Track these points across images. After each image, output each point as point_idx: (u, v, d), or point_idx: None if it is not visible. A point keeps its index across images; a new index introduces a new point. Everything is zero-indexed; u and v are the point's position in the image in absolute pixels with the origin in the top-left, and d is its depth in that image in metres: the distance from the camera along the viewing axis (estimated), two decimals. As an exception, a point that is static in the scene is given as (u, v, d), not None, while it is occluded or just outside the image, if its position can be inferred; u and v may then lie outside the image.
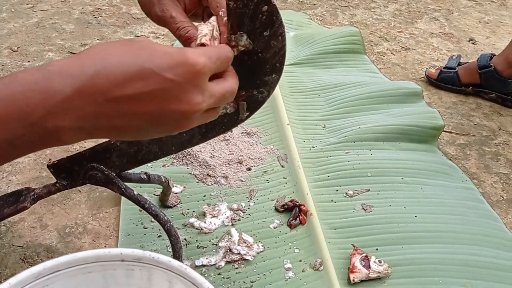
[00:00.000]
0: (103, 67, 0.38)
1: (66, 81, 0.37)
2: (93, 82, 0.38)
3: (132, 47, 0.40)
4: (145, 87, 0.39)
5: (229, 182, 0.95)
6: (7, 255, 0.81)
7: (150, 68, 0.39)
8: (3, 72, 1.30)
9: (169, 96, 0.40)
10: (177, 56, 0.40)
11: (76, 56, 0.39)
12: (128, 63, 0.39)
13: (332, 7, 1.83)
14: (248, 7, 0.50)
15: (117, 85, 0.38)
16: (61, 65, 0.38)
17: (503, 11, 1.90)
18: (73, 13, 1.64)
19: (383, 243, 0.83)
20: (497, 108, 1.30)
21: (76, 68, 0.38)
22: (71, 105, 0.37)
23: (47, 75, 0.37)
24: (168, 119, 0.42)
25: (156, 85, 0.39)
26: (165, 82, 0.40)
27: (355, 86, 1.22)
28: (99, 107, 0.38)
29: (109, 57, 0.39)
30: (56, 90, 0.37)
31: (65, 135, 0.39)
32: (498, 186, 1.03)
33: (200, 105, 0.42)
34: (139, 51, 0.40)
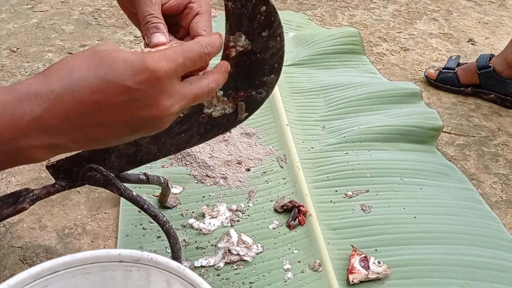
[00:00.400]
0: (67, 84, 0.38)
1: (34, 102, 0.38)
2: (60, 100, 0.38)
3: (93, 59, 0.40)
4: (112, 98, 0.39)
5: (228, 183, 0.95)
6: (6, 256, 0.81)
7: (112, 79, 0.39)
8: (2, 73, 1.30)
9: (138, 103, 0.40)
10: (137, 64, 0.40)
11: (42, 74, 0.40)
12: (91, 77, 0.39)
13: (331, 8, 1.83)
14: (246, 7, 0.50)
15: (84, 100, 0.39)
16: (29, 85, 0.39)
17: (502, 11, 1.91)
18: (72, 14, 1.64)
19: (382, 244, 0.83)
20: (496, 108, 1.30)
21: (43, 87, 0.38)
22: (43, 124, 0.38)
23: (16, 96, 0.38)
24: (143, 124, 0.42)
25: (122, 96, 0.40)
26: (130, 91, 0.40)
27: (354, 87, 1.23)
28: (71, 123, 0.39)
29: (72, 73, 0.39)
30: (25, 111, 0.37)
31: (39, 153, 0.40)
32: (497, 187, 1.03)
33: (170, 108, 0.42)
34: (100, 63, 0.40)
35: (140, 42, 1.49)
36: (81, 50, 0.45)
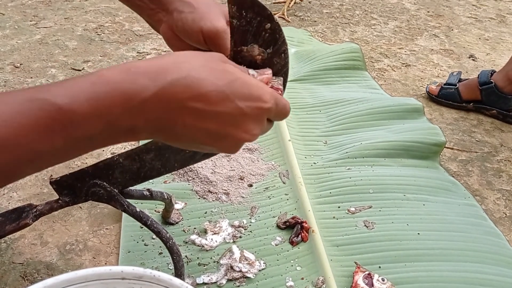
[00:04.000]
0: (183, 77, 0.41)
1: (146, 84, 0.40)
2: (171, 88, 0.40)
3: (217, 68, 0.43)
4: (215, 107, 0.42)
5: (230, 199, 0.95)
6: (7, 272, 0.80)
7: (226, 92, 0.42)
8: (5, 88, 1.30)
9: (233, 121, 0.44)
10: (256, 90, 0.44)
11: (156, 60, 0.42)
12: (208, 81, 0.42)
13: (332, 24, 1.84)
14: (251, 24, 0.50)
15: (191, 97, 0.41)
16: (145, 68, 0.40)
17: (502, 28, 1.92)
18: (76, 30, 1.66)
19: (386, 261, 0.83)
20: (498, 124, 1.30)
21: (158, 72, 0.40)
22: (146, 108, 0.40)
23: (131, 77, 0.39)
24: (223, 140, 0.45)
25: (226, 109, 0.42)
26: (235, 109, 0.43)
27: (356, 102, 1.23)
28: (169, 112, 0.41)
29: (192, 69, 0.42)
30: (136, 93, 0.39)
31: (135, 133, 0.42)
32: (501, 203, 1.03)
33: (255, 136, 0.46)
34: (221, 74, 0.43)
35: (142, 58, 1.50)
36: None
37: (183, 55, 0.43)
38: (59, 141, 0.38)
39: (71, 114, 0.37)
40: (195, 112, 0.41)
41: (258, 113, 0.44)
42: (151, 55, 1.51)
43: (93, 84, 0.38)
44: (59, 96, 0.37)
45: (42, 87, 0.38)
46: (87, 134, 0.39)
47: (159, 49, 1.55)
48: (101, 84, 0.38)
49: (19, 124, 0.36)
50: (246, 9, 0.50)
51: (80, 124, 0.38)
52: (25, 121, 0.36)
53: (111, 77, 0.39)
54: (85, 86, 0.38)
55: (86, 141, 0.39)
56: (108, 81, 0.39)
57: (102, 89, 0.38)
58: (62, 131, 0.37)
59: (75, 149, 0.40)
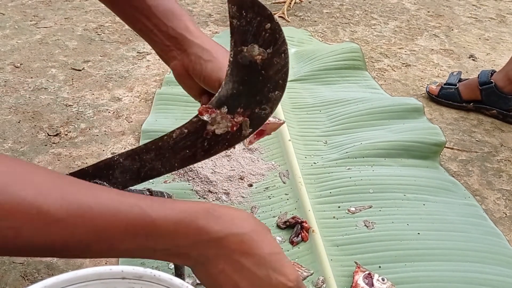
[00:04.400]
0: (243, 234, 0.48)
1: (216, 228, 0.47)
2: (230, 238, 0.48)
3: (268, 237, 0.51)
4: (253, 268, 0.49)
5: (230, 199, 0.95)
6: (7, 272, 0.80)
7: (267, 261, 0.49)
8: (6, 88, 1.30)
9: (259, 284, 0.49)
10: (287, 268, 0.51)
11: (234, 211, 0.50)
12: (259, 246, 0.49)
13: (332, 24, 1.84)
14: (251, 24, 0.51)
15: (241, 252, 0.48)
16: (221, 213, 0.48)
17: (502, 27, 1.92)
18: (76, 30, 1.66)
19: (386, 261, 0.83)
20: (498, 124, 1.30)
21: (229, 222, 0.48)
22: (206, 246, 0.47)
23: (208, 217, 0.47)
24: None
25: (260, 273, 0.49)
26: (266, 276, 0.49)
27: (356, 102, 1.23)
28: (217, 256, 0.48)
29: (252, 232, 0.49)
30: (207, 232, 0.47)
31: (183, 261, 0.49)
32: (501, 203, 1.03)
33: None
34: (270, 245, 0.50)
35: (142, 57, 1.50)
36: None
37: (248, 215, 0.51)
38: (133, 244, 0.45)
39: (158, 229, 0.45)
40: (236, 265, 0.48)
41: (277, 286, 0.50)
42: (150, 55, 1.51)
43: (182, 212, 0.46)
44: (156, 212, 0.45)
45: (145, 197, 0.47)
46: (156, 247, 0.46)
47: (159, 49, 1.55)
48: (188, 215, 0.46)
49: (119, 219, 0.43)
50: (246, 9, 0.50)
51: (159, 239, 0.45)
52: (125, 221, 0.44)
53: (195, 211, 0.47)
54: (176, 211, 0.46)
55: (149, 251, 0.47)
56: (192, 214, 0.47)
57: (187, 219, 0.46)
58: (143, 238, 0.45)
59: (135, 254, 0.47)
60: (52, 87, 1.33)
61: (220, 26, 1.77)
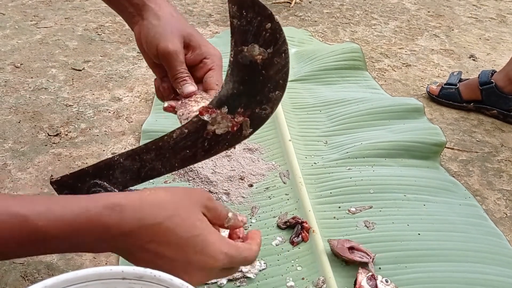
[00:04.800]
0: (155, 224, 0.47)
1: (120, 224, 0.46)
2: (140, 232, 0.46)
3: (188, 221, 0.49)
4: (171, 254, 0.48)
5: (231, 199, 0.95)
6: (7, 272, 0.80)
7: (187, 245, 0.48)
8: (6, 88, 1.30)
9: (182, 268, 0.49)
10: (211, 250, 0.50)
11: (141, 199, 0.48)
12: (176, 234, 0.47)
13: (333, 24, 1.84)
14: (251, 24, 0.51)
15: (154, 242, 0.47)
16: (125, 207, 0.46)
17: (503, 28, 1.92)
18: (76, 30, 1.66)
19: (387, 262, 0.82)
20: (499, 124, 1.30)
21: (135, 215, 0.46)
22: (113, 240, 0.46)
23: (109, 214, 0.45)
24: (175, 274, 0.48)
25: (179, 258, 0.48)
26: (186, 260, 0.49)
27: (356, 102, 1.23)
28: (132, 247, 0.47)
29: (166, 218, 0.47)
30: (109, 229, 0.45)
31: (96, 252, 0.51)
32: (501, 203, 1.03)
33: (199, 283, 0.50)
34: (190, 229, 0.49)
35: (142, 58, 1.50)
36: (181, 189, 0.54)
37: (164, 196, 0.49)
38: (24, 251, 0.45)
39: (46, 236, 0.44)
40: (155, 254, 0.48)
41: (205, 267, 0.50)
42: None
43: (76, 216, 0.44)
44: (40, 219, 0.43)
45: (27, 202, 0.45)
46: (52, 250, 0.46)
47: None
48: (83, 218, 0.45)
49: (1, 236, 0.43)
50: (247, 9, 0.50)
51: (51, 243, 0.45)
52: (6, 234, 0.43)
53: (92, 213, 0.45)
54: (67, 215, 0.44)
55: (46, 251, 0.46)
56: (89, 217, 0.45)
57: (82, 222, 0.45)
58: (32, 245, 0.44)
59: (32, 255, 0.47)
60: (52, 87, 1.33)
61: (221, 26, 1.77)
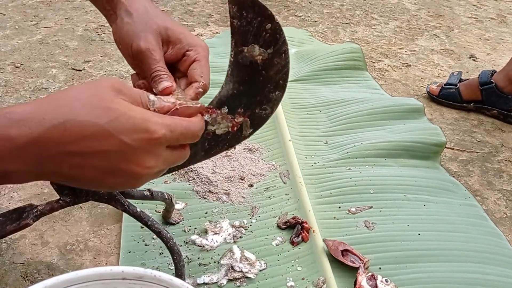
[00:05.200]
0: (61, 122, 0.40)
1: (22, 132, 0.39)
2: (49, 134, 0.39)
3: (100, 105, 0.42)
4: (100, 146, 0.41)
5: (231, 199, 0.95)
6: (7, 272, 0.80)
7: (108, 130, 0.41)
8: (6, 89, 1.30)
9: (121, 157, 0.42)
10: (140, 121, 0.42)
11: (38, 104, 0.41)
12: (88, 122, 0.40)
13: (333, 24, 1.84)
14: (252, 25, 0.51)
15: (72, 141, 0.40)
16: (22, 115, 0.39)
17: (503, 28, 1.92)
18: (76, 30, 1.66)
19: (387, 262, 0.82)
20: (499, 124, 1.30)
21: (36, 119, 0.39)
22: (23, 153, 0.39)
23: (6, 124, 0.39)
24: (116, 176, 0.44)
25: (111, 147, 0.41)
26: (121, 145, 0.42)
27: (356, 103, 1.23)
28: (50, 157, 0.40)
29: (70, 112, 0.40)
30: (11, 139, 0.39)
31: (13, 177, 0.41)
32: (502, 203, 1.03)
33: (152, 169, 0.45)
34: (104, 112, 0.41)
35: (143, 58, 1.50)
36: (86, 82, 0.46)
37: (65, 94, 0.42)
38: None
39: None
40: (80, 154, 0.41)
41: (146, 144, 0.43)
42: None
43: None
44: None
45: None
46: None
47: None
48: None
49: None
50: (247, 9, 0.50)
51: None
52: None
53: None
54: None
55: None
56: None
57: None
58: None
59: None
60: (53, 87, 1.33)
61: (221, 26, 1.77)
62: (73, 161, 0.41)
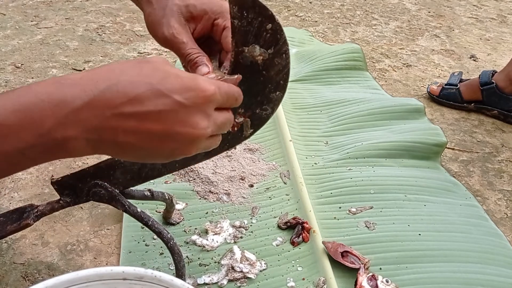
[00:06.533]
0: (115, 83, 0.40)
1: (77, 94, 0.39)
2: (103, 96, 0.39)
3: (146, 67, 0.42)
4: (153, 106, 0.40)
5: (231, 199, 0.95)
6: (8, 272, 0.80)
7: (160, 89, 0.41)
8: (6, 89, 1.30)
9: (176, 118, 0.42)
10: (189, 80, 0.42)
11: (90, 71, 0.41)
12: (140, 82, 0.40)
13: (333, 24, 1.84)
14: (252, 25, 0.50)
15: (126, 102, 0.40)
16: (75, 79, 0.40)
17: (503, 28, 1.92)
18: (77, 30, 1.66)
19: (387, 262, 0.82)
20: (500, 124, 1.30)
21: (89, 82, 0.39)
22: (80, 117, 0.39)
23: (60, 88, 0.39)
24: (172, 141, 0.43)
25: (164, 106, 0.41)
26: (173, 104, 0.41)
27: (357, 103, 1.23)
28: (105, 120, 0.40)
29: (122, 74, 0.41)
30: (67, 102, 0.38)
31: (72, 146, 0.40)
32: (502, 203, 1.03)
33: (205, 129, 0.44)
34: (152, 72, 0.41)
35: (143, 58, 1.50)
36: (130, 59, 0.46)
37: (116, 64, 0.42)
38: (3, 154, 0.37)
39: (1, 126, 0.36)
40: (134, 116, 0.40)
41: (199, 102, 0.42)
42: (152, 55, 1.51)
43: (21, 96, 0.38)
44: None
45: None
46: (18, 148, 0.38)
47: (160, 49, 1.55)
48: (30, 96, 0.38)
49: None
50: (247, 10, 0.50)
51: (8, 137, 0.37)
52: None
53: (40, 89, 0.38)
54: (12, 98, 0.37)
55: (18, 156, 0.38)
56: (37, 92, 0.38)
57: (30, 100, 0.37)
58: None
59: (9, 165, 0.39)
60: (53, 87, 1.33)
61: (221, 27, 1.77)
62: (128, 124, 0.40)
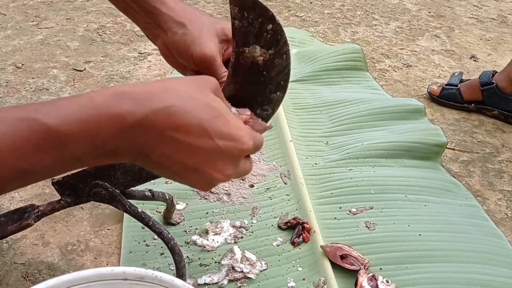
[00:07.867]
0: (167, 107, 0.41)
1: (132, 110, 0.40)
2: (154, 117, 0.41)
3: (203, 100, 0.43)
4: (194, 141, 0.42)
5: (231, 199, 0.95)
6: (8, 272, 0.81)
7: (207, 128, 0.43)
8: (7, 89, 1.30)
9: (209, 158, 0.44)
10: (234, 129, 0.44)
11: (147, 86, 0.43)
12: (191, 113, 0.42)
13: (334, 25, 1.84)
14: (253, 25, 0.51)
15: (172, 127, 0.42)
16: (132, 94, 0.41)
17: (504, 28, 1.92)
18: (77, 30, 1.66)
19: (387, 262, 0.82)
20: (500, 125, 1.30)
21: (145, 100, 0.41)
22: (130, 133, 0.41)
23: (118, 102, 0.40)
24: (196, 175, 0.45)
25: (204, 145, 0.43)
26: (213, 146, 0.43)
27: (357, 103, 1.23)
28: (149, 140, 0.42)
29: (177, 99, 0.42)
30: (122, 117, 0.40)
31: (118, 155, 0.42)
32: (502, 204, 1.03)
33: (229, 176, 0.46)
34: (206, 109, 0.43)
35: (143, 58, 1.50)
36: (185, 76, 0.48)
37: (172, 82, 0.44)
38: (47, 159, 0.39)
39: (60, 135, 0.38)
40: (174, 143, 0.42)
41: (234, 153, 0.45)
42: (152, 55, 1.51)
43: (83, 106, 0.39)
44: (49, 117, 0.38)
45: (32, 106, 0.39)
46: (75, 155, 0.40)
47: (161, 49, 1.55)
48: (90, 108, 0.39)
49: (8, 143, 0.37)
50: (248, 10, 0.50)
51: (69, 145, 0.39)
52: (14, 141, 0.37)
53: (99, 101, 0.40)
54: (75, 108, 0.39)
55: (74, 161, 0.41)
56: (97, 105, 0.40)
57: (90, 112, 0.39)
58: (51, 150, 0.39)
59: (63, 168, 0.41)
60: (54, 87, 1.33)
61: (221, 27, 1.77)
62: (166, 147, 0.42)
